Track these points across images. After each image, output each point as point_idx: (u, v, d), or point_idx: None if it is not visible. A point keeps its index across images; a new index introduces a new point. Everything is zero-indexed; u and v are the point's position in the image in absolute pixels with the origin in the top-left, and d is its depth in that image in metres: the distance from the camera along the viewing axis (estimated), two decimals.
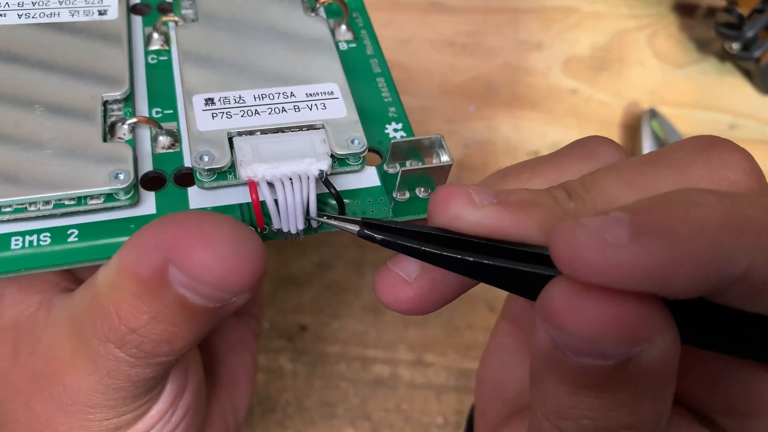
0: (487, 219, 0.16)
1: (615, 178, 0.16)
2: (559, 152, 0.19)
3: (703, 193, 0.14)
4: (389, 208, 0.19)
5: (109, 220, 0.18)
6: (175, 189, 0.19)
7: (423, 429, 0.34)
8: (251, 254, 0.15)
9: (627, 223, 0.13)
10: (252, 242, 0.15)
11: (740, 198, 0.14)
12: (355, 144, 0.19)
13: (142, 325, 0.16)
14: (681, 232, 0.13)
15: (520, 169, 0.18)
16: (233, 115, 0.19)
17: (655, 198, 0.14)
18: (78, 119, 0.18)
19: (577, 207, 0.16)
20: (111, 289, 0.16)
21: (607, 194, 0.16)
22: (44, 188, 0.17)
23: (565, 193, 0.16)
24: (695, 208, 0.13)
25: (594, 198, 0.16)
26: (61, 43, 0.20)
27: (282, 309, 0.37)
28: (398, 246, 0.16)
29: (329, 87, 0.20)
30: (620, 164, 0.17)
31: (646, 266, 0.13)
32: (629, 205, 0.14)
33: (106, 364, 0.17)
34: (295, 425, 0.34)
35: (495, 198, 0.16)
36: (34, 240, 0.17)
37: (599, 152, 0.18)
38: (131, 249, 0.16)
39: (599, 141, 0.19)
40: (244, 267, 0.15)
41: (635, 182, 0.16)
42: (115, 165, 0.17)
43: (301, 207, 0.17)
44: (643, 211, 0.13)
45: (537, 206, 0.16)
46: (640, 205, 0.14)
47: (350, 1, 0.25)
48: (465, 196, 0.16)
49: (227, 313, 0.17)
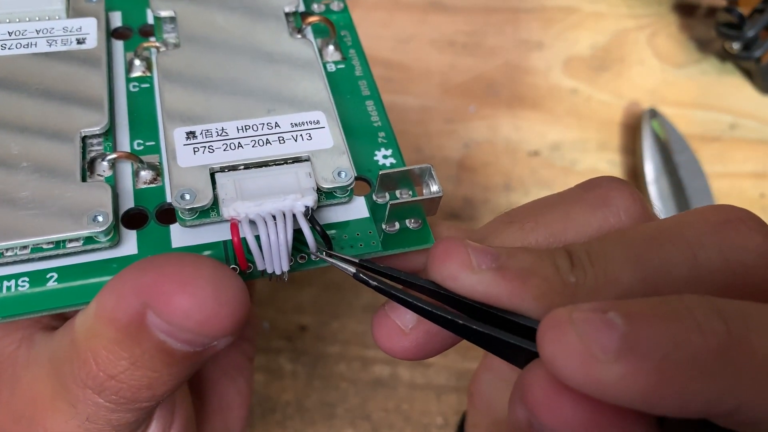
0: (483, 286, 0.15)
1: (622, 253, 0.15)
2: (570, 195, 0.18)
3: (709, 317, 0.13)
4: (378, 241, 0.19)
5: (89, 262, 0.17)
6: (157, 227, 0.18)
7: (423, 429, 0.34)
8: (232, 299, 0.15)
9: (619, 333, 0.12)
10: (233, 287, 0.15)
11: (749, 321, 0.13)
12: (342, 176, 0.18)
13: (121, 372, 0.16)
14: (672, 360, 0.12)
15: (525, 214, 0.18)
16: (215, 149, 0.18)
17: (657, 304, 0.13)
18: (55, 159, 0.18)
19: (578, 281, 0.15)
20: (89, 335, 0.16)
21: (610, 272, 0.15)
22: (21, 234, 0.16)
23: (569, 261, 0.15)
24: (696, 333, 0.12)
25: (597, 274, 0.15)
26: (38, 77, 0.20)
27: (282, 309, 0.36)
28: (392, 295, 0.16)
29: (315, 115, 0.20)
30: (630, 235, 0.16)
31: (628, 389, 0.12)
32: (628, 307, 0.13)
33: (85, 410, 0.16)
34: (295, 425, 0.34)
35: (494, 262, 0.15)
36: (12, 285, 0.17)
37: (612, 199, 0.17)
38: (109, 294, 0.15)
39: (613, 185, 0.18)
40: (224, 312, 0.15)
41: (643, 261, 0.15)
42: (94, 207, 0.17)
43: (285, 247, 0.17)
44: (640, 322, 0.13)
45: (535, 277, 0.15)
46: (639, 309, 0.13)
47: (338, 19, 0.24)
48: (463, 256, 0.15)
49: (209, 356, 0.16)
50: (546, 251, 0.16)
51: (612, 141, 0.43)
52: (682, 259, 0.15)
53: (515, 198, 0.41)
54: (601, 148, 0.43)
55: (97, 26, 0.22)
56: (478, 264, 0.15)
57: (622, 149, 0.43)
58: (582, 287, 0.15)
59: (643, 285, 0.15)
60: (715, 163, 0.43)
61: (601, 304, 0.13)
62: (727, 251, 0.15)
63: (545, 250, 0.16)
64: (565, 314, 0.13)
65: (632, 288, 0.15)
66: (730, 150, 0.44)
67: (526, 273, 0.15)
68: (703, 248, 0.15)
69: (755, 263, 0.15)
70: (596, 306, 0.13)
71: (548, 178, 0.42)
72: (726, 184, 0.42)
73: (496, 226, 0.18)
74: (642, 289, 0.15)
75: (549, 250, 0.16)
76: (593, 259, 0.15)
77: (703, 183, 0.41)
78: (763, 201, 0.42)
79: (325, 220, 0.19)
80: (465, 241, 0.16)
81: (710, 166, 0.42)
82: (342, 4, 0.25)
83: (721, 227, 0.16)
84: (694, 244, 0.15)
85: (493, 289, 0.15)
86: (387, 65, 0.45)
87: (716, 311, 0.13)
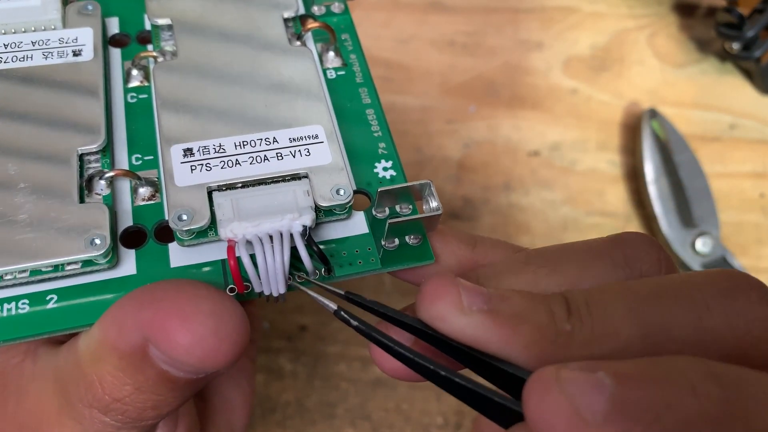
0: (472, 329, 0.14)
1: (623, 306, 0.15)
2: (595, 247, 0.17)
3: (705, 380, 0.12)
4: (377, 258, 0.19)
5: (88, 283, 0.17)
6: (156, 246, 0.18)
7: (423, 429, 0.34)
8: (232, 332, 0.15)
9: (608, 395, 0.12)
10: (233, 319, 0.15)
11: (747, 388, 0.13)
12: (341, 194, 0.18)
13: (126, 396, 0.16)
14: (664, 422, 0.12)
15: (543, 259, 0.17)
16: (213, 167, 0.18)
17: (649, 365, 0.13)
18: (53, 180, 0.18)
19: (574, 330, 0.14)
20: (94, 360, 0.16)
21: (608, 324, 0.15)
22: (19, 258, 0.16)
23: (565, 308, 0.15)
24: (690, 397, 0.12)
25: (594, 324, 0.15)
26: (34, 95, 0.20)
27: (282, 309, 0.36)
28: (372, 338, 0.16)
29: (314, 130, 0.20)
30: (634, 289, 0.15)
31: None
32: (618, 367, 0.13)
33: (92, 427, 0.17)
34: (295, 425, 0.34)
35: (485, 304, 0.15)
36: (12, 308, 0.17)
37: (636, 261, 0.17)
38: (111, 324, 0.16)
39: (642, 246, 0.17)
40: (225, 347, 0.15)
41: (645, 316, 0.15)
42: (91, 230, 0.17)
43: (282, 269, 0.17)
44: (631, 383, 0.12)
45: (527, 323, 0.14)
46: (630, 369, 0.13)
47: (339, 22, 0.24)
48: (453, 296, 0.15)
49: (212, 378, 0.17)
50: (543, 296, 0.15)
51: (612, 141, 0.43)
52: (686, 320, 0.15)
53: (515, 198, 0.41)
54: (601, 148, 0.43)
55: (93, 36, 0.21)
56: (468, 305, 0.15)
57: (622, 149, 0.43)
58: (577, 337, 0.14)
59: (642, 342, 0.14)
60: (714, 163, 0.43)
61: (590, 364, 0.13)
62: (734, 318, 0.15)
63: (542, 294, 0.15)
64: (552, 373, 0.13)
65: (631, 344, 0.14)
66: (729, 150, 0.43)
67: (518, 318, 0.15)
68: (709, 312, 0.15)
69: (761, 334, 0.15)
70: (585, 365, 0.13)
71: (548, 178, 0.42)
72: (726, 184, 0.42)
73: (511, 266, 0.17)
74: (641, 346, 0.14)
75: (546, 295, 0.15)
76: (592, 308, 0.15)
77: (703, 183, 0.40)
78: (763, 201, 0.42)
79: (324, 236, 0.19)
80: (457, 279, 0.15)
81: (710, 166, 0.42)
82: (343, 5, 0.25)
83: (729, 293, 0.15)
84: (700, 307, 0.15)
85: (482, 333, 0.14)
86: (387, 65, 0.45)
87: (713, 375, 0.13)
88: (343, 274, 0.19)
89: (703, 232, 0.39)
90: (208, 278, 0.18)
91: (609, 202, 0.41)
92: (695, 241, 0.39)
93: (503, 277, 0.17)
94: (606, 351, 0.14)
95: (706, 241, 0.39)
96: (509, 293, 0.15)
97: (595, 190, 0.41)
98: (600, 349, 0.14)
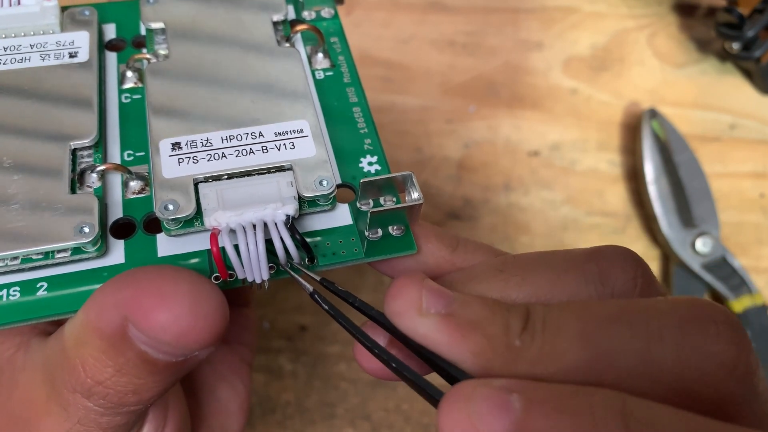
0: (424, 329, 0.15)
1: (576, 328, 0.14)
2: (572, 259, 0.17)
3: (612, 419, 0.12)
4: (361, 249, 0.19)
5: (78, 271, 0.18)
6: (144, 236, 0.19)
7: (423, 429, 0.34)
8: (209, 313, 0.15)
9: (512, 419, 0.12)
10: (211, 300, 0.16)
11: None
12: (324, 185, 0.19)
13: (108, 378, 0.16)
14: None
15: (516, 267, 0.17)
16: (200, 160, 0.19)
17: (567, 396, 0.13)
18: (45, 171, 0.18)
19: (522, 347, 0.14)
20: (77, 343, 0.16)
21: (558, 345, 0.14)
22: (11, 245, 0.17)
23: (522, 322, 0.15)
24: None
25: (544, 344, 0.14)
26: (31, 91, 0.20)
27: (282, 309, 0.37)
28: (339, 322, 0.17)
29: (299, 124, 0.20)
30: (594, 310, 0.15)
31: None
32: (535, 392, 0.13)
33: (76, 413, 0.17)
34: (295, 425, 0.34)
35: (445, 307, 0.15)
36: (4, 295, 0.17)
37: (610, 278, 0.16)
38: (93, 305, 0.16)
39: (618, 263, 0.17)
40: (200, 326, 0.15)
41: (593, 341, 0.14)
42: (81, 218, 0.17)
43: (265, 256, 0.17)
44: (540, 410, 0.12)
45: (479, 332, 0.15)
46: (544, 396, 0.13)
47: (328, 26, 0.25)
48: (414, 294, 0.15)
49: (192, 365, 0.17)
50: (505, 306, 0.15)
51: (612, 141, 0.43)
52: (634, 349, 0.14)
53: (515, 198, 0.41)
54: (600, 148, 0.43)
55: (89, 39, 0.22)
56: (427, 306, 0.15)
57: (622, 149, 0.43)
58: (525, 354, 0.14)
59: (586, 367, 0.14)
60: (714, 163, 0.43)
61: (512, 383, 0.13)
62: (685, 352, 0.14)
63: (506, 305, 0.15)
64: (470, 388, 0.13)
65: (575, 367, 0.14)
66: (729, 150, 0.43)
67: (471, 326, 0.15)
68: (661, 343, 0.14)
69: (712, 371, 0.14)
70: (506, 385, 0.13)
71: (548, 177, 0.42)
72: (726, 184, 0.42)
73: (485, 272, 0.17)
74: (585, 371, 0.14)
75: (509, 306, 0.15)
76: (546, 326, 0.15)
77: (703, 183, 0.40)
78: (763, 201, 0.42)
79: (309, 227, 0.19)
80: (424, 280, 0.16)
81: (710, 166, 0.42)
82: (333, 10, 0.25)
83: (687, 324, 0.14)
84: (652, 336, 0.14)
85: (433, 335, 0.15)
86: (387, 65, 0.46)
87: (622, 414, 0.12)
88: (327, 263, 0.19)
89: (703, 232, 0.39)
90: (195, 268, 0.18)
91: (609, 202, 0.41)
92: (695, 241, 0.39)
93: (475, 283, 0.17)
94: (550, 372, 0.14)
95: (706, 241, 0.39)
96: (471, 299, 0.15)
97: (595, 190, 0.41)
98: (545, 369, 0.14)
